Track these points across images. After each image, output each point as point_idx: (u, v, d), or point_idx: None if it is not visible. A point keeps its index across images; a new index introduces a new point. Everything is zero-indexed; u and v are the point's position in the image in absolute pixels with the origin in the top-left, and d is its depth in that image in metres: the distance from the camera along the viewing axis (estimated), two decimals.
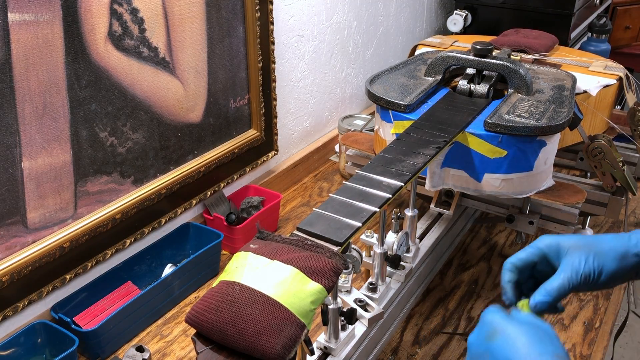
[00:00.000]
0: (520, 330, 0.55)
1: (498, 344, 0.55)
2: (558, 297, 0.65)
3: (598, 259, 0.65)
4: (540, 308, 0.65)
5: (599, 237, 0.68)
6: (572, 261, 0.65)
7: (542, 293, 0.65)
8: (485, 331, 0.57)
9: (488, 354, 0.55)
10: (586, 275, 0.65)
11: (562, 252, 0.66)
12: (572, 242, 0.66)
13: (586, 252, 0.65)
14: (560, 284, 0.65)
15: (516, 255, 0.69)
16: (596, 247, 0.66)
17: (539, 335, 0.55)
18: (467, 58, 1.02)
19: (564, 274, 0.65)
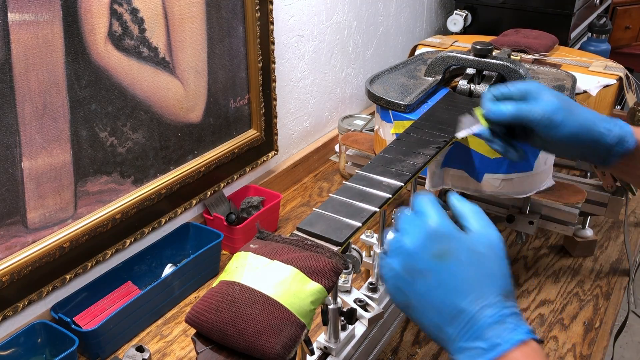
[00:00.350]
0: (472, 257, 0.53)
1: (448, 267, 0.52)
2: (515, 115, 0.69)
3: (567, 115, 0.69)
4: (496, 115, 0.71)
5: (580, 105, 0.72)
6: (545, 102, 0.69)
7: (501, 107, 0.71)
8: (437, 248, 0.53)
9: (432, 273, 0.52)
10: (549, 119, 0.68)
11: (540, 96, 0.71)
12: (553, 93, 0.71)
13: (559, 104, 0.69)
14: (524, 107, 0.69)
15: (497, 87, 0.73)
16: (572, 107, 0.70)
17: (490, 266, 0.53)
18: (467, 58, 1.02)
19: (533, 104, 0.69)
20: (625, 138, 0.70)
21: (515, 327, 0.50)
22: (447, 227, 0.55)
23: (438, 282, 0.52)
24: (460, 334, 0.50)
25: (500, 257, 0.54)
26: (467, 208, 0.57)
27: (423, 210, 0.56)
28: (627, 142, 0.70)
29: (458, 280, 0.51)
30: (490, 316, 0.50)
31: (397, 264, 0.54)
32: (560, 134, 0.70)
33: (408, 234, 0.54)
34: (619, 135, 0.70)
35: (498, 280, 0.52)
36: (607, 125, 0.71)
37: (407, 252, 0.53)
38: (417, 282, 0.52)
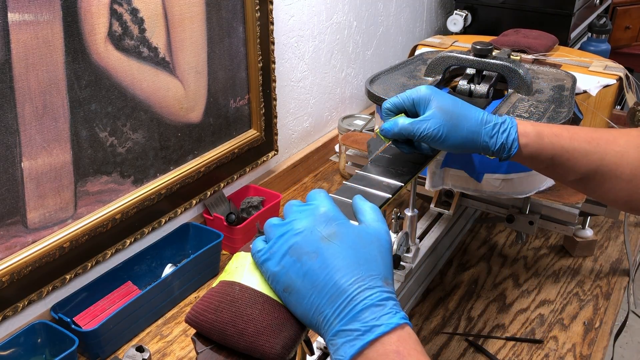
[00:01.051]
0: (358, 243, 0.53)
1: (334, 248, 0.53)
2: (400, 133, 0.75)
3: (450, 130, 0.74)
4: (384, 133, 0.77)
5: (467, 111, 0.76)
6: (429, 118, 0.74)
7: (389, 123, 0.76)
8: (325, 231, 0.53)
9: (318, 254, 0.52)
10: (431, 136, 0.74)
11: (429, 107, 0.75)
12: (441, 103, 0.75)
13: (444, 119, 0.74)
14: (407, 126, 0.74)
15: (390, 100, 0.78)
16: (456, 120, 0.74)
17: (373, 252, 0.54)
18: (467, 58, 1.02)
19: (416, 124, 0.74)
20: (507, 145, 0.75)
21: (393, 311, 0.51)
22: (336, 213, 0.56)
23: (323, 262, 0.52)
24: (337, 315, 0.50)
25: (385, 247, 0.55)
26: (367, 206, 0.59)
27: (314, 199, 0.58)
28: (510, 149, 0.75)
29: (341, 261, 0.52)
30: (369, 298, 0.50)
31: (285, 246, 0.53)
32: (445, 146, 0.75)
33: (297, 219, 0.55)
34: (501, 144, 0.75)
35: (380, 267, 0.53)
36: (490, 133, 0.75)
37: (295, 234, 0.54)
38: (302, 262, 0.52)
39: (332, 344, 0.51)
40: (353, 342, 0.49)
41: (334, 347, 0.50)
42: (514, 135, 0.75)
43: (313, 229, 0.54)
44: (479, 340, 0.98)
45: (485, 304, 1.05)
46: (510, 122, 0.76)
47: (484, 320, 1.02)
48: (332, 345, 0.51)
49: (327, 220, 0.54)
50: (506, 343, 0.97)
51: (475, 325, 1.01)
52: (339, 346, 0.50)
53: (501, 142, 0.75)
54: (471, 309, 1.05)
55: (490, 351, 0.95)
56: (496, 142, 0.75)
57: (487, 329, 1.00)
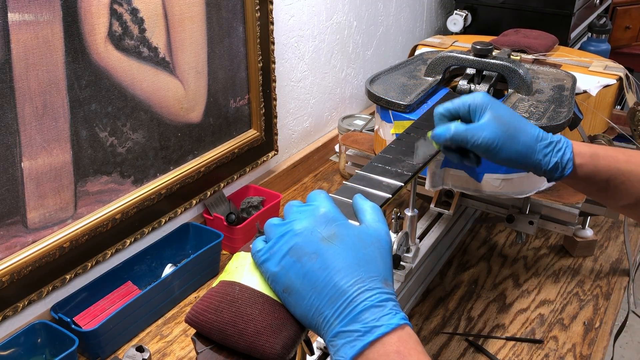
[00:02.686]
0: (358, 243, 0.53)
1: (334, 249, 0.52)
2: (453, 139, 0.72)
3: (505, 141, 0.71)
4: (436, 139, 0.74)
5: (523, 125, 0.73)
6: (484, 126, 0.71)
7: (442, 128, 0.73)
8: (326, 232, 0.53)
9: (318, 255, 0.52)
10: (486, 146, 0.71)
11: (484, 114, 0.72)
12: (498, 113, 0.72)
13: (500, 130, 0.71)
14: (461, 132, 0.72)
15: (444, 104, 0.76)
16: (513, 131, 0.72)
17: (373, 254, 0.53)
18: (467, 58, 1.02)
19: (471, 130, 0.71)
20: (562, 165, 0.73)
21: (393, 312, 0.51)
22: (337, 213, 0.56)
23: (323, 263, 0.52)
24: (338, 316, 0.50)
25: (385, 248, 0.55)
26: (367, 205, 0.59)
27: (314, 200, 0.57)
28: (565, 170, 0.73)
29: (341, 262, 0.52)
30: (369, 299, 0.50)
31: (285, 246, 0.53)
32: (498, 159, 0.73)
33: (298, 219, 0.55)
34: (555, 163, 0.73)
35: (380, 268, 0.53)
36: (545, 151, 0.72)
37: (295, 234, 0.53)
38: (302, 263, 0.52)
39: (332, 345, 0.51)
40: (353, 343, 0.49)
41: (334, 348, 0.50)
42: (569, 155, 0.73)
43: (313, 230, 0.54)
44: (479, 340, 0.98)
45: (485, 304, 1.06)
46: (565, 141, 0.74)
47: (484, 320, 1.02)
48: (333, 346, 0.51)
49: (327, 221, 0.54)
50: (506, 343, 0.97)
51: (475, 325, 1.01)
52: (340, 347, 0.50)
53: (555, 160, 0.72)
54: (471, 309, 1.05)
55: (490, 351, 0.95)
56: (550, 160, 0.72)
57: (487, 329, 1.00)
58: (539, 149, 0.72)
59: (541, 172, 0.74)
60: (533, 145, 0.72)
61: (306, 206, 0.57)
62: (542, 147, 0.72)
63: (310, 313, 0.52)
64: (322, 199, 0.57)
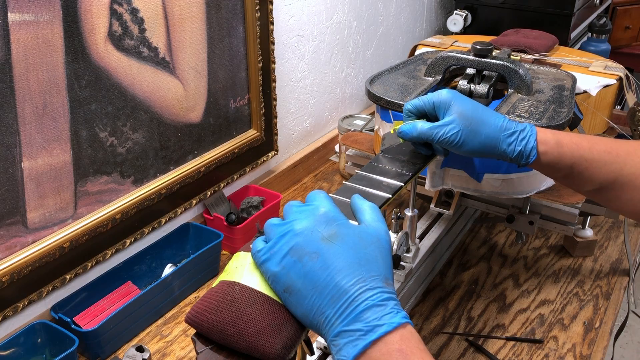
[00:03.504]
0: (358, 243, 0.54)
1: (334, 249, 0.53)
2: (418, 137, 0.76)
3: (468, 135, 0.75)
4: (401, 135, 0.78)
5: (487, 117, 0.76)
6: (448, 123, 0.75)
7: (408, 126, 0.77)
8: (326, 232, 0.53)
9: (319, 255, 0.52)
10: (449, 142, 0.75)
11: (449, 111, 0.76)
12: (461, 109, 0.76)
13: (463, 125, 0.75)
14: (426, 131, 0.76)
15: (412, 102, 0.79)
16: (475, 126, 0.75)
17: (374, 253, 0.54)
18: (467, 58, 1.02)
19: (434, 129, 0.75)
20: (526, 153, 0.75)
21: (394, 310, 0.51)
22: (337, 213, 0.56)
23: (323, 262, 0.52)
24: (339, 316, 0.50)
25: (385, 247, 0.55)
26: (366, 205, 0.59)
27: (314, 200, 0.58)
28: (529, 157, 0.75)
29: (342, 261, 0.52)
30: (371, 298, 0.50)
31: (285, 246, 0.53)
32: (463, 151, 0.76)
33: (298, 219, 0.55)
34: (519, 151, 0.75)
35: (380, 267, 0.53)
36: (509, 140, 0.75)
37: (296, 234, 0.53)
38: (303, 263, 0.52)
39: (334, 344, 0.51)
40: (355, 342, 0.49)
41: (336, 347, 0.50)
42: (533, 143, 0.75)
43: (314, 230, 0.54)
44: (479, 340, 0.98)
45: (485, 304, 1.05)
46: (530, 129, 0.76)
47: (484, 320, 1.02)
48: (335, 346, 0.51)
49: (328, 221, 0.54)
50: (506, 343, 0.97)
51: (475, 325, 1.01)
52: (342, 347, 0.50)
53: (519, 149, 0.75)
54: (471, 309, 1.05)
55: (490, 351, 0.95)
56: (514, 149, 0.75)
57: (487, 329, 1.00)
58: (502, 139, 0.75)
59: (507, 160, 0.77)
60: (497, 135, 0.75)
61: (306, 206, 0.57)
62: (505, 137, 0.75)
63: (311, 313, 0.52)
64: (322, 199, 0.57)
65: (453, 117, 0.75)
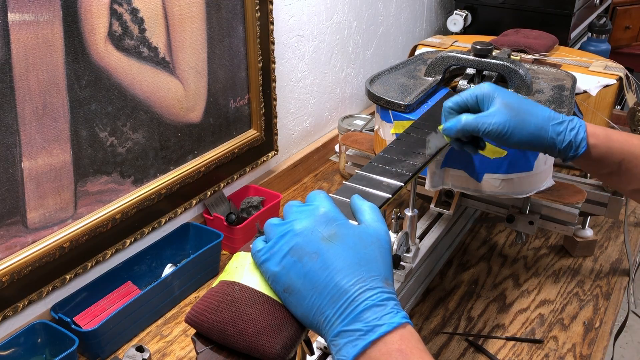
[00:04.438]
0: (358, 243, 0.53)
1: (334, 249, 0.52)
2: (463, 129, 0.75)
3: (517, 125, 0.73)
4: (447, 132, 0.77)
5: (532, 108, 0.75)
6: (494, 113, 0.73)
7: (452, 121, 0.76)
8: (326, 232, 0.53)
9: (319, 255, 0.52)
10: (497, 132, 0.73)
11: (493, 103, 0.75)
12: (506, 100, 0.74)
13: (510, 115, 0.73)
14: (471, 122, 0.74)
15: (451, 99, 0.78)
16: (522, 116, 0.74)
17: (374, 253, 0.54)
18: (467, 58, 1.02)
19: (481, 119, 0.74)
20: (575, 144, 0.74)
21: (394, 310, 0.51)
22: (337, 213, 0.56)
23: (323, 262, 0.52)
24: (339, 316, 0.50)
25: (385, 247, 0.55)
26: (365, 205, 0.59)
27: (314, 200, 0.58)
28: (578, 148, 0.74)
29: (342, 262, 0.52)
30: (371, 298, 0.50)
31: (285, 246, 0.53)
32: (511, 142, 0.74)
33: (298, 219, 0.55)
34: (569, 142, 0.74)
35: (380, 267, 0.53)
36: (558, 129, 0.74)
37: (296, 234, 0.53)
38: (303, 263, 0.52)
39: (334, 344, 0.51)
40: (355, 342, 0.49)
41: (336, 347, 0.51)
42: (583, 134, 0.74)
43: (314, 230, 0.54)
44: (479, 340, 0.98)
45: (485, 304, 1.05)
46: (578, 121, 0.75)
47: (484, 320, 1.02)
48: (334, 346, 0.51)
49: (328, 221, 0.54)
50: (506, 343, 0.97)
51: (475, 325, 1.01)
52: (342, 346, 0.50)
53: (569, 139, 0.73)
54: (471, 309, 1.05)
55: (490, 351, 0.95)
56: (564, 139, 0.74)
57: (487, 329, 1.00)
58: (551, 129, 0.74)
59: (555, 152, 0.75)
60: (545, 125, 0.74)
61: (306, 206, 0.57)
62: (554, 126, 0.74)
63: (311, 313, 0.52)
64: (322, 199, 0.57)
65: (498, 107, 0.74)
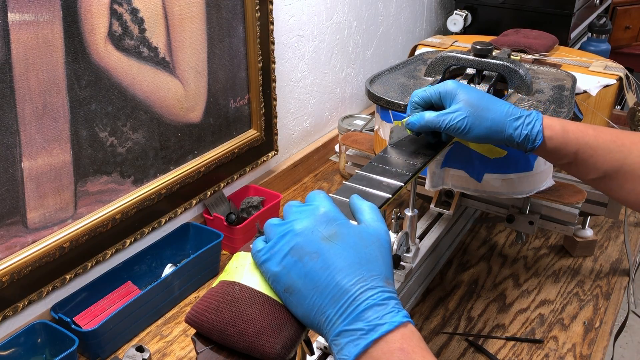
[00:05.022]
0: (359, 243, 0.53)
1: (335, 249, 0.52)
2: (426, 126, 0.79)
3: (474, 121, 0.77)
4: (410, 127, 0.80)
5: (492, 104, 0.78)
6: (454, 110, 0.77)
7: (416, 117, 0.79)
8: (326, 231, 0.53)
9: (319, 255, 0.52)
10: (456, 128, 0.77)
11: (455, 100, 0.78)
12: (467, 97, 0.78)
13: (469, 112, 0.77)
14: (433, 119, 0.78)
15: (418, 93, 0.81)
16: (480, 112, 0.77)
17: (374, 253, 0.54)
18: (467, 58, 1.02)
19: (441, 116, 0.78)
20: (532, 137, 0.77)
21: (395, 310, 0.51)
22: (337, 213, 0.56)
23: (324, 262, 0.52)
24: (340, 315, 0.50)
25: (385, 247, 0.55)
26: (365, 205, 0.59)
27: (314, 200, 0.58)
28: (535, 141, 0.77)
29: (343, 261, 0.52)
30: (372, 298, 0.51)
31: (286, 246, 0.53)
32: (470, 137, 0.78)
33: (298, 219, 0.55)
34: (526, 135, 0.77)
35: (381, 266, 0.53)
36: (515, 124, 0.77)
37: (296, 234, 0.53)
38: (304, 263, 0.52)
39: (335, 344, 0.51)
40: (357, 341, 0.49)
41: (337, 347, 0.51)
42: (539, 127, 0.77)
43: (314, 229, 0.54)
44: (479, 340, 0.98)
45: (485, 304, 1.05)
46: (535, 115, 0.77)
47: (484, 320, 1.02)
48: (336, 346, 0.51)
49: (328, 221, 0.54)
50: (506, 343, 0.97)
51: (475, 325, 1.01)
52: (343, 346, 0.50)
53: (525, 133, 0.77)
54: (471, 309, 1.05)
55: (490, 351, 0.95)
56: (520, 133, 0.77)
57: (487, 329, 1.00)
58: (508, 123, 0.77)
59: (514, 145, 0.78)
60: (503, 120, 0.77)
61: (306, 206, 0.57)
62: (511, 121, 0.77)
63: (312, 312, 0.52)
64: (322, 199, 0.57)
65: (459, 105, 0.77)
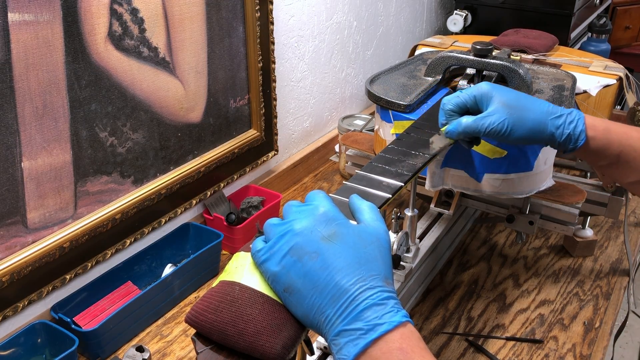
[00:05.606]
0: (358, 242, 0.53)
1: (334, 249, 0.52)
2: (465, 132, 0.77)
3: (515, 122, 0.75)
4: (449, 135, 0.79)
5: (531, 104, 0.77)
6: (492, 113, 0.76)
7: (454, 124, 0.78)
8: (326, 231, 0.53)
9: (319, 254, 0.52)
10: (496, 131, 0.75)
11: (491, 102, 0.77)
12: (504, 98, 0.76)
13: (508, 113, 0.75)
14: (471, 124, 0.76)
15: (450, 100, 0.79)
16: (520, 112, 0.76)
17: (374, 253, 0.54)
18: (467, 58, 1.02)
19: (480, 120, 0.76)
20: (574, 136, 0.76)
21: (394, 309, 0.51)
22: (336, 213, 0.56)
23: (324, 262, 0.52)
24: (340, 315, 0.50)
25: (385, 247, 0.55)
26: (364, 205, 0.59)
27: (313, 200, 0.58)
28: (577, 141, 0.76)
29: (342, 261, 0.52)
30: (371, 297, 0.51)
31: (285, 246, 0.53)
32: (512, 139, 0.76)
33: (297, 219, 0.55)
34: (568, 134, 0.76)
35: (380, 266, 0.53)
36: (557, 123, 0.76)
37: (296, 234, 0.53)
38: (303, 263, 0.52)
39: (334, 343, 0.51)
40: (356, 341, 0.49)
41: (336, 347, 0.51)
42: (582, 126, 0.75)
43: (313, 229, 0.54)
44: (479, 340, 0.98)
45: (485, 304, 1.05)
46: (577, 114, 0.76)
47: (484, 320, 1.02)
48: (335, 345, 0.51)
49: (327, 221, 0.54)
50: (506, 343, 0.97)
51: (475, 325, 1.01)
52: (342, 346, 0.50)
53: (568, 132, 0.75)
54: (471, 309, 1.05)
55: (490, 351, 0.95)
56: (563, 132, 0.75)
57: (487, 329, 1.00)
58: (550, 123, 0.75)
59: (556, 145, 0.77)
60: (544, 120, 0.75)
61: (305, 206, 0.57)
62: (553, 120, 0.75)
63: (311, 312, 0.52)
64: (321, 199, 0.57)
65: (496, 107, 0.75)
